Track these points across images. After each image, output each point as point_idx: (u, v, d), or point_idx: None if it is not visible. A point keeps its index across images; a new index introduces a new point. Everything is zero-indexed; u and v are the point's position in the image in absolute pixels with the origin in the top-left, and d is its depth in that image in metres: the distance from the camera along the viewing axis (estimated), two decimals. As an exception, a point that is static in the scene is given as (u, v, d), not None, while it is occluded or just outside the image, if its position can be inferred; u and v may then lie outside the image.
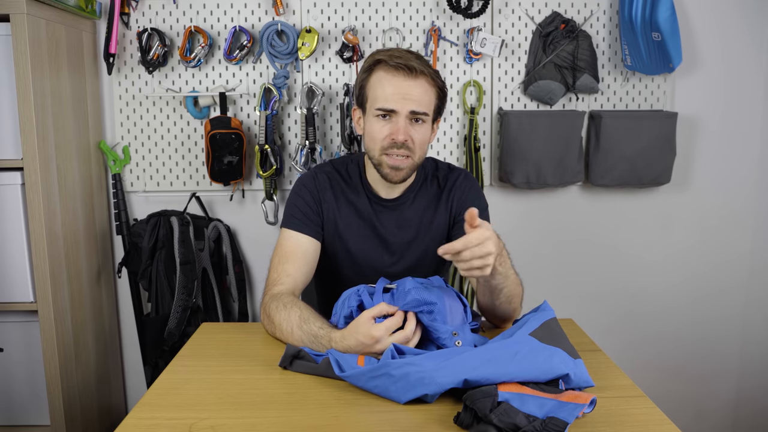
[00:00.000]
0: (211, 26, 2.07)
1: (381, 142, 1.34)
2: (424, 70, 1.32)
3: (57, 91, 1.82)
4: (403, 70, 1.30)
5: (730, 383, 2.36)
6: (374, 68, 1.34)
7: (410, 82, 1.31)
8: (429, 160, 1.54)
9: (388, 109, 1.32)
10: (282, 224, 1.45)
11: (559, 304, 1.37)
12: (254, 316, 2.26)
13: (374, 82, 1.34)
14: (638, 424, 0.96)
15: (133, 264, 2.08)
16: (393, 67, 1.31)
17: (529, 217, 2.22)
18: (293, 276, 1.37)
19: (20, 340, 1.86)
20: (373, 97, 1.34)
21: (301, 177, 1.51)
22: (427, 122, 1.36)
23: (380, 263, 1.47)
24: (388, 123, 1.33)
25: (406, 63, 1.30)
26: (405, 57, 1.32)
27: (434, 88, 1.35)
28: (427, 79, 1.32)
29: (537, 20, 2.09)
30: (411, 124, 1.33)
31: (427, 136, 1.38)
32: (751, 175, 2.23)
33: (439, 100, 1.38)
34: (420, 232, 1.47)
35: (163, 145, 2.13)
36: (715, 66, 2.16)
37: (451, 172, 1.52)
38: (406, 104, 1.31)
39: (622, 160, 2.07)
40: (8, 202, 1.74)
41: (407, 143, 1.33)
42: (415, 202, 1.48)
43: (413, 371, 0.99)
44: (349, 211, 1.46)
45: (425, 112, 1.33)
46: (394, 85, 1.31)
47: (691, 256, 2.27)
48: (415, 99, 1.31)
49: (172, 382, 1.12)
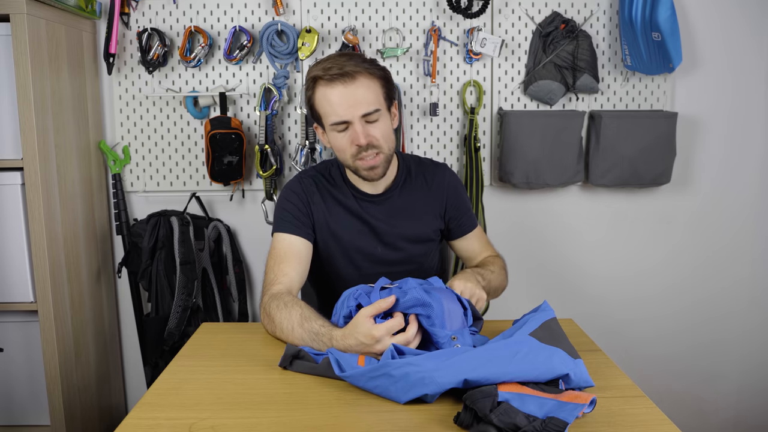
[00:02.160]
0: (211, 26, 2.07)
1: (348, 151, 1.38)
2: (359, 68, 1.34)
3: (57, 91, 1.82)
4: (339, 79, 1.32)
5: (731, 383, 2.36)
6: (315, 85, 1.37)
7: (351, 88, 1.33)
8: (411, 155, 1.61)
9: (340, 121, 1.35)
10: (273, 229, 1.48)
11: (559, 304, 1.38)
12: (254, 316, 2.26)
13: (319, 99, 1.37)
14: (638, 424, 0.96)
15: (133, 264, 2.08)
16: (329, 79, 1.33)
17: (529, 217, 2.22)
18: (290, 275, 1.38)
19: (20, 340, 1.86)
20: (325, 114, 1.37)
21: (287, 184, 1.54)
22: (382, 115, 1.38)
23: (376, 254, 1.50)
24: (347, 132, 1.37)
25: (340, 70, 1.32)
26: (338, 64, 1.33)
27: (375, 80, 1.37)
28: (364, 75, 1.34)
29: (537, 20, 2.09)
30: (367, 123, 1.36)
31: (388, 126, 1.41)
32: (751, 174, 2.23)
33: (385, 87, 1.39)
34: (411, 222, 1.52)
35: (163, 145, 2.13)
36: (715, 66, 2.15)
37: (437, 167, 1.58)
38: (355, 110, 1.34)
39: (622, 160, 2.07)
40: (8, 202, 1.74)
41: (372, 142, 1.36)
42: (402, 194, 1.52)
43: (413, 371, 0.99)
44: (339, 210, 1.49)
45: (376, 109, 1.35)
46: (337, 96, 1.34)
47: (691, 256, 2.27)
48: (362, 101, 1.34)
49: (172, 382, 1.12)
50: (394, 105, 1.45)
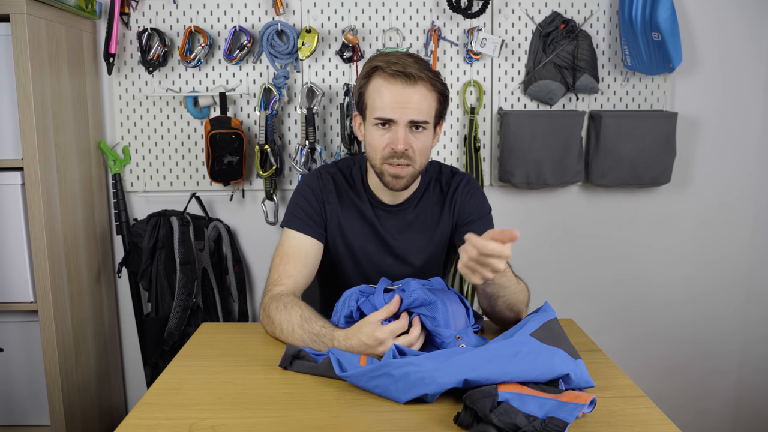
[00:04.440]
0: (211, 26, 2.07)
1: (381, 152, 1.32)
2: (423, 74, 1.28)
3: (57, 91, 1.82)
4: (401, 77, 1.27)
5: (731, 382, 2.36)
6: (372, 75, 1.31)
7: (408, 90, 1.28)
8: (432, 163, 1.53)
9: (386, 118, 1.29)
10: (283, 223, 1.44)
11: (559, 304, 1.37)
12: (254, 316, 2.26)
13: (372, 89, 1.31)
14: (638, 424, 0.96)
15: (133, 264, 2.08)
16: (390, 74, 1.28)
17: (529, 217, 2.22)
18: (294, 277, 1.36)
19: (20, 340, 1.85)
20: (372, 106, 1.32)
21: (305, 177, 1.49)
22: (427, 129, 1.33)
23: (384, 266, 1.46)
24: (388, 132, 1.31)
25: (404, 69, 1.27)
26: (402, 63, 1.28)
27: (434, 93, 1.31)
28: (426, 84, 1.29)
29: (537, 20, 2.09)
30: (411, 131, 1.31)
31: (429, 142, 1.35)
32: (750, 174, 2.23)
33: (440, 104, 1.34)
34: (423, 236, 1.47)
35: (163, 145, 2.13)
36: (715, 66, 2.16)
37: (454, 176, 1.50)
38: (404, 113, 1.28)
39: (622, 160, 2.07)
40: (8, 202, 1.74)
41: (407, 152, 1.31)
42: (418, 207, 1.47)
43: (413, 371, 0.99)
44: (353, 214, 1.45)
45: (425, 120, 1.30)
46: (392, 94, 1.28)
47: (690, 256, 2.27)
48: (414, 107, 1.28)
49: (172, 382, 1.12)
50: (441, 124, 1.40)
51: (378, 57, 1.33)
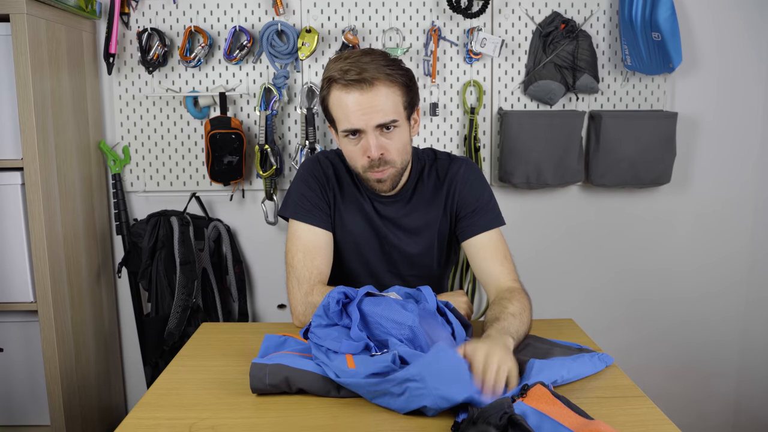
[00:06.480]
0: (211, 26, 2.07)
1: (359, 162, 1.31)
2: (379, 74, 1.23)
3: (57, 91, 1.82)
4: (356, 85, 1.23)
5: (731, 383, 2.36)
6: (330, 87, 1.27)
7: (367, 95, 1.23)
8: (427, 151, 1.49)
9: (352, 129, 1.27)
10: (290, 213, 1.40)
11: (559, 304, 1.37)
12: (254, 316, 2.26)
13: (333, 103, 1.28)
14: (638, 424, 0.96)
15: (133, 264, 2.08)
16: (345, 84, 1.24)
17: (529, 217, 2.22)
18: (325, 273, 1.36)
19: (20, 340, 1.86)
20: (338, 119, 1.29)
21: (304, 163, 1.46)
22: (399, 125, 1.29)
23: (382, 255, 1.46)
24: (359, 141, 1.28)
25: (359, 76, 1.22)
26: (357, 67, 1.23)
27: (396, 87, 1.27)
28: (384, 82, 1.24)
29: (537, 20, 2.09)
30: (382, 133, 1.28)
31: (405, 137, 1.32)
32: (750, 174, 2.23)
33: (407, 94, 1.29)
34: (419, 225, 1.45)
35: (163, 145, 2.13)
36: (715, 66, 2.16)
37: (452, 162, 1.46)
38: (370, 119, 1.25)
39: (622, 160, 2.07)
40: (8, 202, 1.74)
41: (384, 156, 1.28)
42: (413, 197, 1.45)
43: (414, 386, 0.95)
44: (351, 202, 1.44)
45: (393, 120, 1.26)
46: (352, 103, 1.24)
47: (690, 257, 2.27)
48: (378, 110, 1.24)
49: (172, 382, 1.12)
50: (416, 111, 1.36)
51: (332, 65, 1.27)
